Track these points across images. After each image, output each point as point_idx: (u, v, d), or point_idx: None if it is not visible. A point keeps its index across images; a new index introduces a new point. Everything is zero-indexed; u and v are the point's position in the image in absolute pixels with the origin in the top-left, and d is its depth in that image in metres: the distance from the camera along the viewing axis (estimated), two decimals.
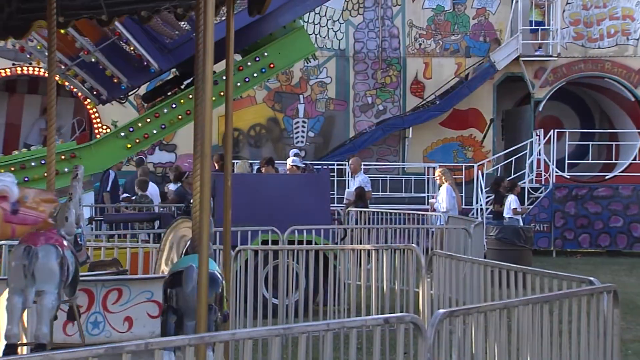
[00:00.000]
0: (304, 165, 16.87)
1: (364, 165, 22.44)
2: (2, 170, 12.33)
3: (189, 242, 5.96)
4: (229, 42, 6.00)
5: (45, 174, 9.04)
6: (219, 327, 5.45)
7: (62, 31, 11.84)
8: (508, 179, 20.31)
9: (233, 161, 19.61)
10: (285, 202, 12.26)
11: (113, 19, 7.76)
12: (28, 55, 13.92)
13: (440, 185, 17.53)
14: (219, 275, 5.71)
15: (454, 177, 22.67)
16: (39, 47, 13.18)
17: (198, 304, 4.99)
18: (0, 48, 20.76)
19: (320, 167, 20.27)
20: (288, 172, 16.26)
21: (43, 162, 11.97)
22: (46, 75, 21.30)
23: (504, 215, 18.90)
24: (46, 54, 13.53)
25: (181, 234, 6.81)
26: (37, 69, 21.13)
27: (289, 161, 16.71)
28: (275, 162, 18.46)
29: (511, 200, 18.58)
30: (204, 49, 5.30)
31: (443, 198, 16.83)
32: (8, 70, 21.89)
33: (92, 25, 11.46)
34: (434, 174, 22.44)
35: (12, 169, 12.13)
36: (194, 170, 5.86)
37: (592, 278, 6.39)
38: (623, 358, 8.19)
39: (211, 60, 5.42)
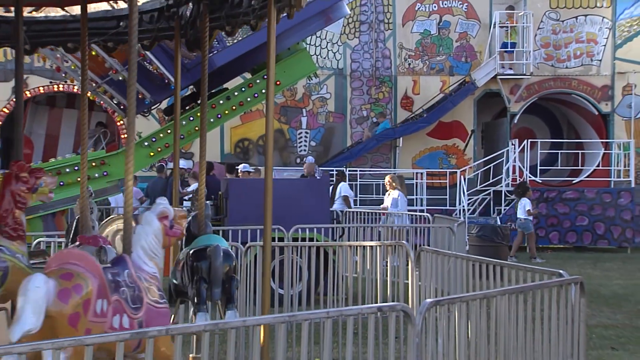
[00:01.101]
0: (253, 170, 17.09)
1: (360, 170, 22.46)
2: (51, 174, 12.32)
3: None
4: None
5: (79, 179, 9.05)
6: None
7: (93, 52, 11.86)
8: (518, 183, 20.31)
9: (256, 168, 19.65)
10: (290, 204, 12.23)
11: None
12: (63, 74, 13.93)
13: (388, 190, 17.40)
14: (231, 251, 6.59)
15: (440, 181, 22.84)
16: (73, 67, 13.19)
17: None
18: (40, 67, 20.81)
19: (321, 172, 20.28)
20: (240, 177, 16.60)
21: (76, 168, 11.97)
22: (77, 91, 21.32)
23: (518, 216, 18.94)
24: (79, 73, 13.58)
25: (116, 228, 6.84)
26: (72, 86, 21.16)
27: (240, 167, 17.00)
28: (279, 168, 18.53)
29: (525, 203, 18.68)
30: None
31: (397, 202, 16.79)
32: (46, 87, 21.93)
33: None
34: (421, 179, 22.57)
35: (50, 174, 12.11)
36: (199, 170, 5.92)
37: (561, 271, 6.38)
38: (588, 341, 8.18)
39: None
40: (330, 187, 19.11)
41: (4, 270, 5.54)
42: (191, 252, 6.45)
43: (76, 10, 7.49)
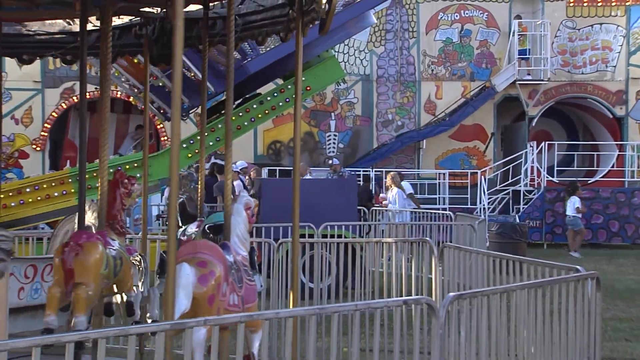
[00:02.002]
0: (240, 170, 17.06)
1: (386, 171, 22.37)
2: (87, 176, 12.41)
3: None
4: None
5: None
6: None
7: (135, 60, 11.93)
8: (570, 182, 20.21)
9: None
10: (319, 203, 12.24)
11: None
12: None
13: (388, 188, 17.43)
14: None
15: (461, 181, 22.76)
16: (116, 74, 13.27)
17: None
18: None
19: (347, 172, 20.28)
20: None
21: (119, 168, 12.03)
22: (119, 96, 21.46)
23: (567, 214, 18.82)
24: (122, 79, 13.67)
25: (67, 228, 6.91)
26: (116, 91, 21.30)
27: (233, 166, 16.99)
28: (311, 168, 18.55)
29: (575, 201, 18.56)
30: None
31: (396, 200, 16.73)
32: (91, 93, 22.08)
33: None
34: (444, 179, 22.50)
35: (95, 174, 12.20)
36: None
37: (578, 267, 6.32)
38: (603, 334, 8.11)
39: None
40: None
41: (120, 262, 5.88)
42: (208, 227, 6.57)
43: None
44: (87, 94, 22.41)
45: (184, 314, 5.07)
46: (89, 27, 6.76)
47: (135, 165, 12.56)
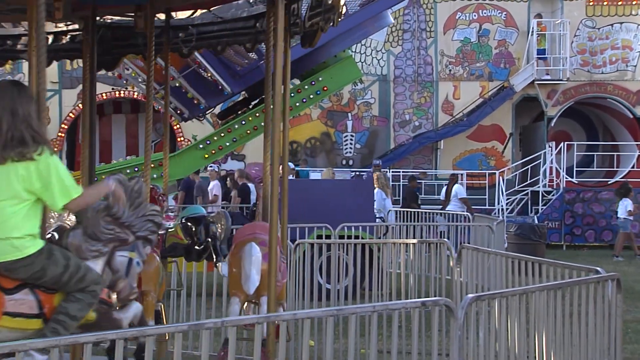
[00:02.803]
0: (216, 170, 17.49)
1: (403, 171, 22.38)
2: (103, 177, 12.48)
3: None
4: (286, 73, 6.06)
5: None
6: None
7: None
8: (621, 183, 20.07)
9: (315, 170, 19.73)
10: (336, 203, 12.24)
11: (192, 51, 7.90)
12: (125, 81, 14.08)
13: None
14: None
15: (479, 182, 22.69)
16: (133, 75, 13.33)
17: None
18: (103, 75, 21.06)
19: (365, 173, 20.27)
20: (209, 176, 16.89)
21: (136, 169, 12.09)
22: (120, 96, 21.50)
23: (619, 215, 18.70)
24: (139, 80, 13.73)
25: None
26: (133, 92, 21.40)
27: (208, 167, 17.19)
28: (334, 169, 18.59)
29: (627, 203, 18.47)
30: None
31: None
32: (108, 93, 22.21)
33: (176, 56, 11.56)
34: (462, 180, 22.44)
35: (103, 177, 12.25)
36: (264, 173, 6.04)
37: (598, 268, 6.29)
38: (624, 336, 8.06)
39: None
40: (444, 189, 19.17)
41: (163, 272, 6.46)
42: (186, 219, 6.87)
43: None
44: (105, 94, 22.36)
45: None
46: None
47: (152, 165, 12.59)
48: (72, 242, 4.57)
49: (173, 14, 7.19)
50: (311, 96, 13.64)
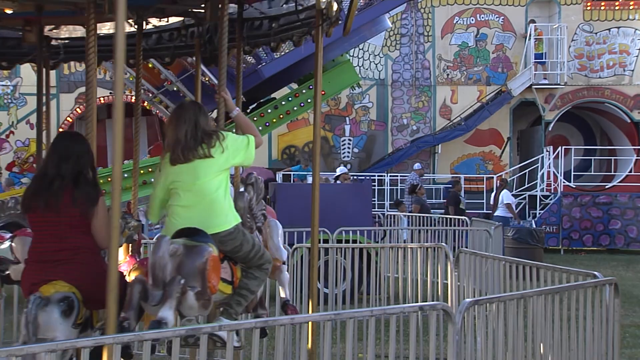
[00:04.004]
0: None
1: (401, 176, 22.38)
2: (101, 181, 12.45)
3: None
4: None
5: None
6: None
7: (149, 65, 11.98)
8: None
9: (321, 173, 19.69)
10: (334, 207, 12.23)
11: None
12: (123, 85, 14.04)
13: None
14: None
15: (477, 186, 22.71)
16: (131, 79, 13.31)
17: None
18: (100, 79, 21.08)
19: (363, 178, 20.28)
20: None
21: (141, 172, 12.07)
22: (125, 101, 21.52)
23: None
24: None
25: None
26: (130, 96, 21.35)
27: None
28: (324, 173, 18.57)
29: None
30: None
31: None
32: (106, 97, 22.20)
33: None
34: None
35: (109, 179, 12.22)
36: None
37: (596, 272, 6.29)
38: (622, 340, 8.06)
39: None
40: (493, 194, 19.17)
41: None
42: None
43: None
44: (102, 98, 22.44)
45: None
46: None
47: (150, 169, 12.58)
48: None
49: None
50: (309, 100, 13.63)
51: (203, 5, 6.25)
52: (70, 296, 4.57)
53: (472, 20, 23.86)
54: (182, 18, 7.26)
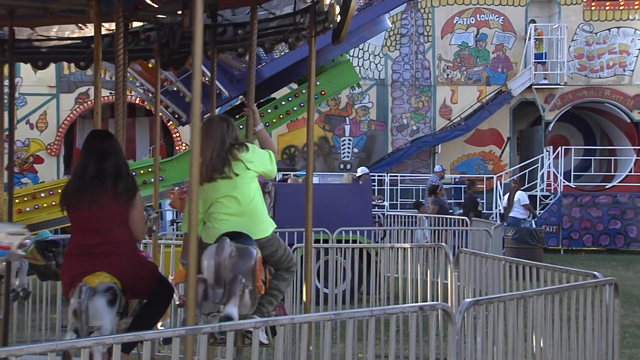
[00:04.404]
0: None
1: (401, 176, 22.40)
2: None
3: None
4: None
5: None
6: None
7: (149, 65, 11.97)
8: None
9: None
10: (334, 208, 12.23)
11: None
12: None
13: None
14: None
15: (477, 186, 22.68)
16: (131, 79, 13.31)
17: None
18: (101, 80, 21.01)
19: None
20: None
21: (134, 173, 12.05)
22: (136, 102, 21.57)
23: None
24: (137, 84, 13.72)
25: None
26: (131, 96, 21.37)
27: None
28: (323, 173, 18.58)
29: None
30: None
31: None
32: (106, 97, 22.21)
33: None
34: (455, 183, 22.47)
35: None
36: None
37: (595, 272, 6.29)
38: (622, 340, 8.07)
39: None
40: (507, 195, 19.15)
41: None
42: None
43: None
44: (103, 98, 22.30)
45: None
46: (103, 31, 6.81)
47: (150, 170, 12.59)
48: None
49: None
50: (307, 102, 13.61)
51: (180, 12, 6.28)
52: (114, 286, 4.85)
53: (472, 20, 23.86)
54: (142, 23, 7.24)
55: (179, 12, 6.39)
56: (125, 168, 5.19)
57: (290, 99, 13.78)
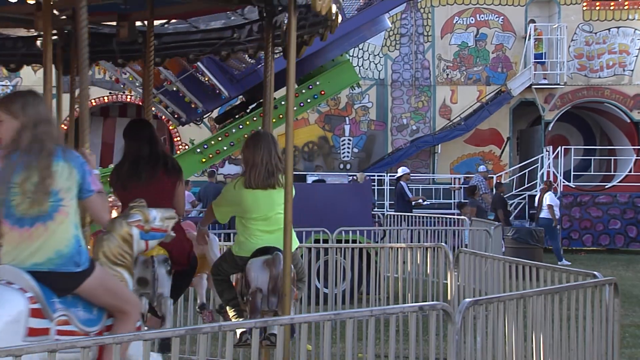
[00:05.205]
0: None
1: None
2: (102, 181, 12.44)
3: None
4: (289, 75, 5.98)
5: None
6: None
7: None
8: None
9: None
10: (334, 208, 12.23)
11: (198, 57, 7.93)
12: (122, 85, 14.05)
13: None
14: None
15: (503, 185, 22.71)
16: (130, 79, 13.32)
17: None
18: (100, 79, 21.06)
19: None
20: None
21: None
22: (134, 102, 21.58)
23: None
24: (137, 84, 13.73)
25: None
26: (128, 96, 21.41)
27: None
28: (324, 173, 18.57)
29: None
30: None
31: None
32: (106, 98, 22.23)
33: (174, 60, 11.55)
34: (459, 184, 22.46)
35: (109, 179, 12.21)
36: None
37: (595, 272, 6.29)
38: (622, 340, 8.07)
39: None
40: (537, 196, 19.15)
41: None
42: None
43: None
44: (100, 98, 22.37)
45: None
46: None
47: None
48: None
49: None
50: (308, 100, 13.62)
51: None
52: (167, 258, 5.32)
53: (472, 20, 23.86)
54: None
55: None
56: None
57: None
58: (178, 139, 22.44)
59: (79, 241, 4.08)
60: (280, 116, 13.75)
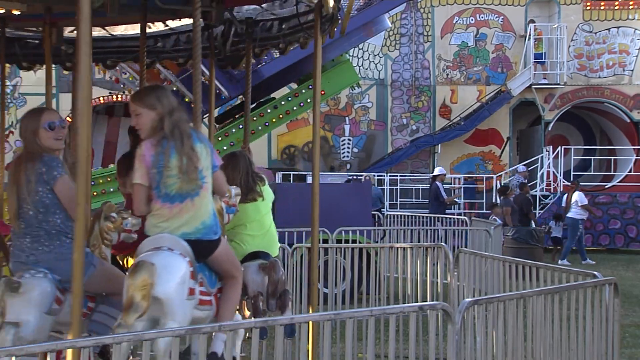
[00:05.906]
0: None
1: (400, 176, 22.38)
2: (101, 180, 12.43)
3: None
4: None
5: None
6: None
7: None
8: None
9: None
10: (334, 207, 12.23)
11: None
12: (122, 85, 14.06)
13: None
14: None
15: (477, 186, 22.70)
16: (130, 79, 13.33)
17: None
18: (100, 79, 21.06)
19: (362, 177, 20.26)
20: None
21: None
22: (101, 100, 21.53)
23: None
24: (137, 84, 13.73)
25: None
26: (128, 96, 21.37)
27: None
28: (323, 173, 18.56)
29: None
30: None
31: None
32: (106, 97, 22.23)
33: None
34: (459, 184, 22.48)
35: (109, 179, 12.23)
36: None
37: (595, 272, 6.29)
38: (622, 340, 8.07)
39: None
40: (565, 195, 19.12)
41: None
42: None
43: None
44: (101, 98, 22.49)
45: None
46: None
47: None
48: None
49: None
50: (308, 100, 13.63)
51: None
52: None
53: (472, 20, 23.86)
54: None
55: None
56: None
57: (289, 98, 13.77)
58: None
59: (214, 212, 4.75)
60: (280, 116, 13.78)
